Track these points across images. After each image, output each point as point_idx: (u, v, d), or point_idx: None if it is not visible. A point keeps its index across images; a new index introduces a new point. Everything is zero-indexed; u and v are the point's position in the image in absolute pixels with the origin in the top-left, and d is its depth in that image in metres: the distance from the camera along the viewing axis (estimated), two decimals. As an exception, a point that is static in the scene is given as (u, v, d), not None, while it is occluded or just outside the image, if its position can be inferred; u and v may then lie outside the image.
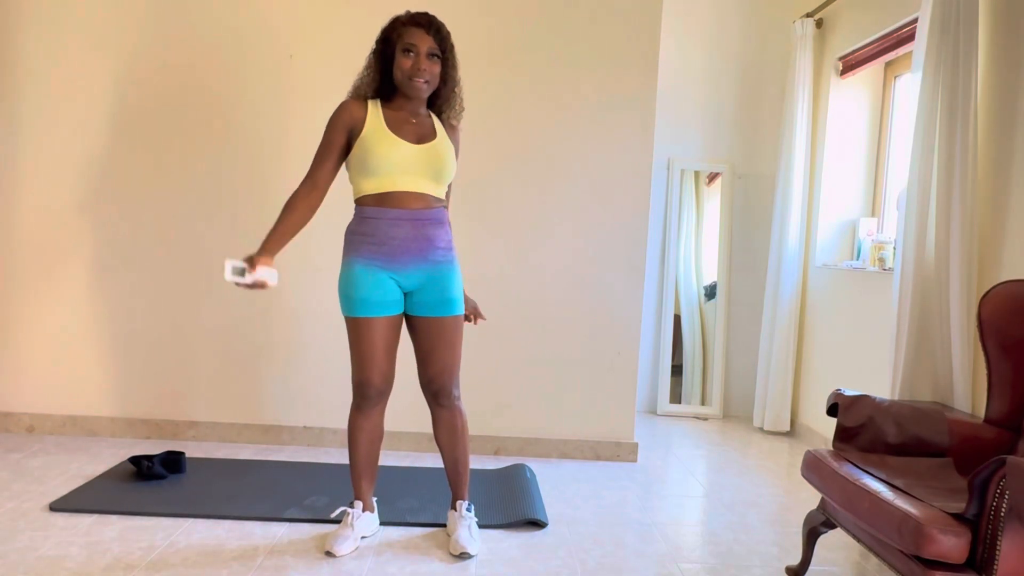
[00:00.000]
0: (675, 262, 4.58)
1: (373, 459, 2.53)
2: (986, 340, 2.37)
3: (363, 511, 2.53)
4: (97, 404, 3.51)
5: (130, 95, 3.44)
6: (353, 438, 2.49)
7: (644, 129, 3.51)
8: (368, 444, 2.49)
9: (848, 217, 4.15)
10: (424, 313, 2.41)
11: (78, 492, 2.76)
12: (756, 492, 3.23)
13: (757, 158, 4.58)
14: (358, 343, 2.39)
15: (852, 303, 3.76)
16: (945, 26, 2.80)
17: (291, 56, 3.44)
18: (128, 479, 2.93)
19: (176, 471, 3.02)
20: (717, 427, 4.35)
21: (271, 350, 3.51)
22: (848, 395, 2.44)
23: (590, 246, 3.53)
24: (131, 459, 2.97)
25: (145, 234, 3.47)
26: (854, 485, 2.08)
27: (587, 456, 3.57)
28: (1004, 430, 2.33)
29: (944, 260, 2.79)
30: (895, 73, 3.99)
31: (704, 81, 4.54)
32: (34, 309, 3.48)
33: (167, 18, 3.42)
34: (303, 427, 3.53)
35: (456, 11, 3.44)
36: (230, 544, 2.45)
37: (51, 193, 3.45)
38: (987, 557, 1.77)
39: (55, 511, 2.61)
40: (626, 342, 3.55)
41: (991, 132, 2.80)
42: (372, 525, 2.57)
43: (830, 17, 4.19)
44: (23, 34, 3.40)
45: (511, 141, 3.49)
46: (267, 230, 3.46)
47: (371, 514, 2.57)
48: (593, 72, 3.48)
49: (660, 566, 2.46)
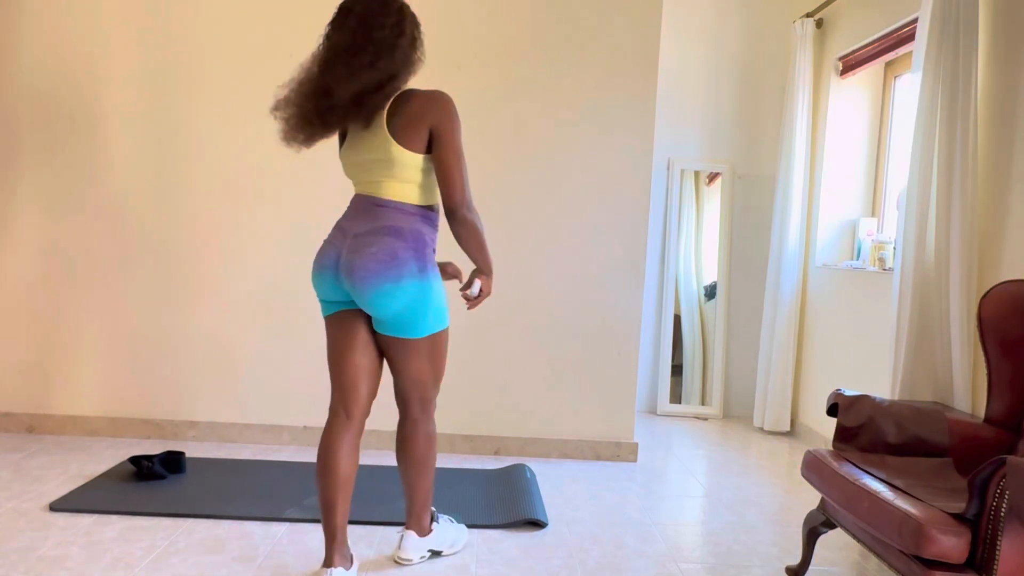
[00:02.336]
0: (675, 262, 4.58)
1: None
2: (986, 340, 2.37)
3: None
4: (97, 404, 3.51)
5: (128, 93, 3.44)
6: (434, 455, 2.35)
7: (644, 129, 3.51)
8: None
9: (848, 217, 4.15)
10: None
11: (78, 492, 2.76)
12: (756, 492, 3.23)
13: (757, 158, 4.58)
14: (446, 355, 2.30)
15: (852, 303, 3.76)
16: (945, 26, 2.80)
17: (291, 56, 3.44)
18: (128, 479, 2.93)
19: (176, 471, 3.02)
20: (717, 427, 4.35)
21: (271, 350, 3.51)
22: (848, 395, 2.44)
23: (590, 246, 3.53)
24: (131, 459, 2.97)
25: (145, 234, 3.47)
26: (854, 485, 2.08)
27: (587, 456, 3.57)
28: (1004, 430, 2.33)
29: (944, 260, 2.79)
30: (895, 73, 3.99)
31: (704, 81, 4.54)
32: (34, 309, 3.48)
33: (167, 18, 3.42)
34: (303, 427, 3.53)
35: (456, 11, 3.44)
36: (230, 544, 2.45)
37: (50, 193, 3.45)
38: (987, 557, 1.77)
39: (55, 511, 2.61)
40: (626, 342, 3.55)
41: (991, 132, 2.80)
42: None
43: (830, 17, 4.19)
44: (22, 32, 3.40)
45: (511, 141, 3.49)
46: (267, 229, 3.47)
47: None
48: (593, 72, 3.48)
49: (660, 566, 2.46)
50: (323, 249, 2.19)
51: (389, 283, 2.08)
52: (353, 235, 2.13)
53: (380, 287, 2.08)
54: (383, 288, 2.08)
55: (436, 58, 3.46)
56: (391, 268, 2.08)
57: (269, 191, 3.47)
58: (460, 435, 3.54)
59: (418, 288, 2.12)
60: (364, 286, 2.08)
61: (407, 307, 2.12)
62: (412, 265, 2.11)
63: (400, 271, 2.09)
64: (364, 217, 2.15)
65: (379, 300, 2.09)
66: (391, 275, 2.08)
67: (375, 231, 2.11)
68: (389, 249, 2.09)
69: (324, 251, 2.18)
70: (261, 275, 3.49)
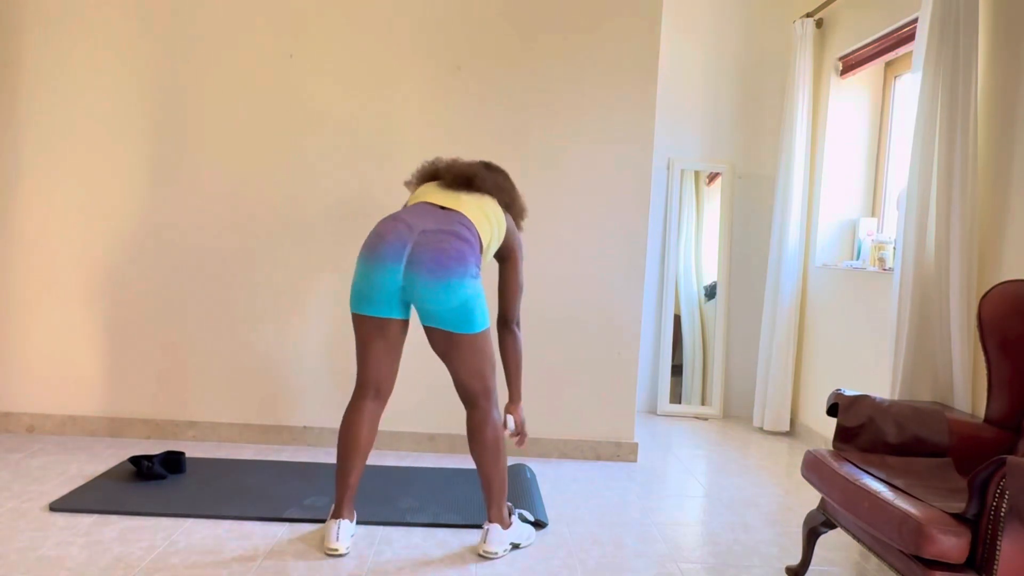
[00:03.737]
0: (675, 262, 4.58)
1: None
2: (986, 340, 2.37)
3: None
4: (97, 404, 3.51)
5: (129, 96, 3.44)
6: (504, 444, 2.48)
7: (644, 129, 3.51)
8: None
9: (848, 217, 4.15)
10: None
11: (78, 492, 2.76)
12: (756, 492, 3.23)
13: (757, 158, 4.58)
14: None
15: (852, 303, 3.76)
16: (945, 26, 2.80)
17: (291, 56, 3.44)
18: (128, 479, 2.93)
19: (176, 471, 3.02)
20: (717, 427, 4.35)
21: (271, 350, 3.51)
22: (848, 395, 2.44)
23: (590, 246, 3.53)
24: (131, 459, 2.97)
25: (145, 234, 3.47)
26: (854, 485, 2.08)
27: (587, 456, 3.57)
28: (1004, 430, 2.33)
29: (944, 260, 2.79)
30: (895, 73, 4.00)
31: (704, 81, 4.54)
32: (34, 309, 3.48)
33: (167, 19, 3.42)
34: (303, 427, 3.53)
35: (456, 12, 3.44)
36: (230, 544, 2.45)
37: (51, 193, 3.45)
38: (987, 557, 1.77)
39: (55, 511, 2.61)
40: (626, 342, 3.55)
41: (991, 132, 2.80)
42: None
43: (830, 17, 4.19)
44: (27, 35, 3.40)
45: (511, 141, 3.49)
46: (267, 229, 3.47)
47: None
48: (593, 72, 3.48)
49: (660, 566, 2.46)
50: (383, 239, 2.36)
51: (456, 278, 2.32)
52: (422, 230, 2.37)
53: (448, 281, 2.31)
54: (450, 282, 2.31)
55: (436, 59, 3.46)
56: (460, 265, 2.33)
57: (270, 191, 3.47)
58: (460, 435, 3.54)
59: (475, 288, 2.37)
60: (433, 278, 2.30)
61: (465, 303, 2.34)
62: (474, 268, 2.38)
63: (465, 270, 2.34)
64: (432, 219, 2.42)
65: (445, 293, 2.31)
66: (459, 271, 2.32)
67: (446, 232, 2.37)
68: (459, 249, 2.35)
69: (386, 240, 2.36)
70: (261, 275, 3.49)
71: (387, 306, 2.39)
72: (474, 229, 2.45)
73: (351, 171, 3.48)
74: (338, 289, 3.50)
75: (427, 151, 3.48)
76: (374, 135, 3.47)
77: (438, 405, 3.54)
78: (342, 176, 3.48)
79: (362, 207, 3.48)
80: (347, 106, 3.47)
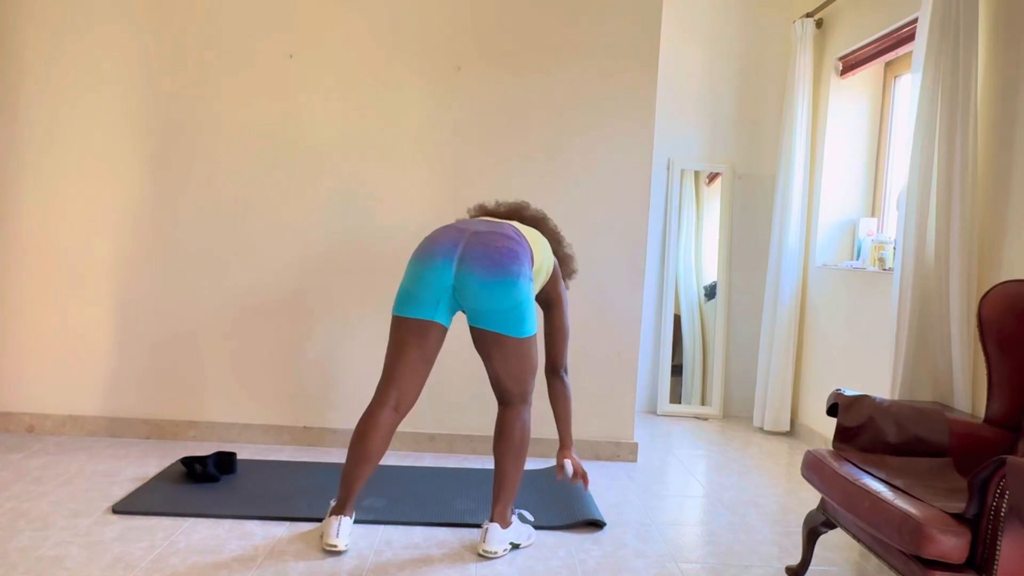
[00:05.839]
0: (675, 262, 4.58)
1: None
2: (986, 340, 2.37)
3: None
4: (97, 404, 3.51)
5: (130, 95, 3.44)
6: (528, 445, 2.48)
7: (644, 129, 3.51)
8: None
9: (848, 217, 4.15)
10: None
11: (136, 494, 2.76)
12: (756, 492, 3.23)
13: (757, 158, 4.58)
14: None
15: (852, 303, 3.76)
16: (945, 26, 2.80)
17: (291, 56, 3.45)
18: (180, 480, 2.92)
19: (228, 472, 3.03)
20: (717, 427, 4.35)
21: (271, 350, 3.51)
22: (848, 395, 2.44)
23: (590, 246, 3.53)
24: (182, 460, 2.98)
25: (146, 234, 3.47)
26: (854, 485, 2.08)
27: (587, 456, 3.57)
28: (1004, 430, 2.33)
29: (944, 260, 2.79)
30: (895, 73, 4.00)
31: (704, 81, 4.54)
32: (34, 309, 3.48)
33: (166, 19, 3.42)
34: (303, 427, 3.53)
35: (456, 11, 3.44)
36: (230, 544, 2.45)
37: (52, 193, 3.45)
38: (987, 557, 1.77)
39: (117, 513, 2.61)
40: (626, 342, 3.55)
41: (991, 132, 2.80)
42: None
43: (830, 17, 4.19)
44: (26, 35, 3.41)
45: (511, 141, 3.50)
46: (267, 229, 3.47)
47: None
48: (593, 72, 3.48)
49: (660, 566, 2.46)
50: (435, 241, 2.37)
51: (511, 277, 2.30)
52: (474, 231, 2.38)
53: (503, 280, 2.29)
54: (505, 281, 2.29)
55: (436, 59, 3.46)
56: (515, 264, 2.32)
57: (270, 190, 3.47)
58: (460, 435, 3.54)
59: (529, 291, 2.36)
60: (488, 275, 2.28)
61: (518, 305, 2.33)
62: (528, 270, 2.36)
63: (520, 270, 2.33)
64: (484, 224, 2.43)
65: (498, 291, 2.29)
66: (514, 270, 2.31)
67: (499, 234, 2.38)
68: (512, 249, 2.34)
69: (438, 241, 2.36)
70: (262, 275, 3.49)
71: (432, 308, 2.35)
72: (525, 241, 2.44)
73: (350, 170, 3.48)
74: (335, 285, 3.50)
75: (427, 151, 3.48)
76: (374, 134, 3.47)
77: (438, 405, 3.54)
78: (340, 174, 3.48)
79: (361, 206, 3.49)
80: (347, 106, 3.47)
